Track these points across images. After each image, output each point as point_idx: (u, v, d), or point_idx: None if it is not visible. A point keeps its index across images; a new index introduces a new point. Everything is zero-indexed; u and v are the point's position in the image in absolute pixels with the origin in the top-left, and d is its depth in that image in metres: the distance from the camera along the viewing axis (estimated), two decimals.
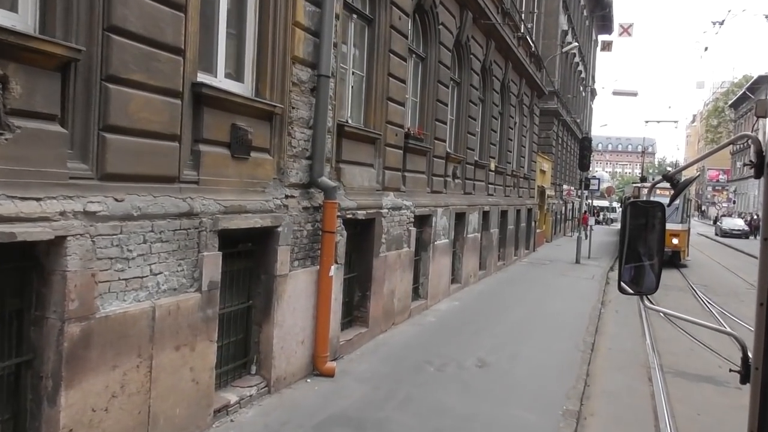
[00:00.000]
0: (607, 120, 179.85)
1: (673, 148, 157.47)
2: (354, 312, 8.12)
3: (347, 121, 7.64)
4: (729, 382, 7.86)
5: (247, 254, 5.79)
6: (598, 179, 22.40)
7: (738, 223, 42.59)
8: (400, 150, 9.20)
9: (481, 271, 14.51)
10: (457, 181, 12.34)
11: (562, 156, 31.92)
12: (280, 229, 5.83)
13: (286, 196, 6.07)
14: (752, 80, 57.94)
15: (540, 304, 11.95)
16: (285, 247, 5.92)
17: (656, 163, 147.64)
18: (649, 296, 2.49)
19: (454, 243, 12.47)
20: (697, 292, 15.65)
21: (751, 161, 1.90)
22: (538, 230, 24.53)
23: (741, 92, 61.95)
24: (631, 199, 2.84)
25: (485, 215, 14.64)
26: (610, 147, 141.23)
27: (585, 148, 19.45)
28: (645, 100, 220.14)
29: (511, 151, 17.93)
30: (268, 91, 5.86)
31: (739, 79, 70.11)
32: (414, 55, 10.11)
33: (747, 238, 40.79)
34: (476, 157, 14.01)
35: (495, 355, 7.88)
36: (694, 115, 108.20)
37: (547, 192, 24.93)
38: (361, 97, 8.30)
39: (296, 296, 6.18)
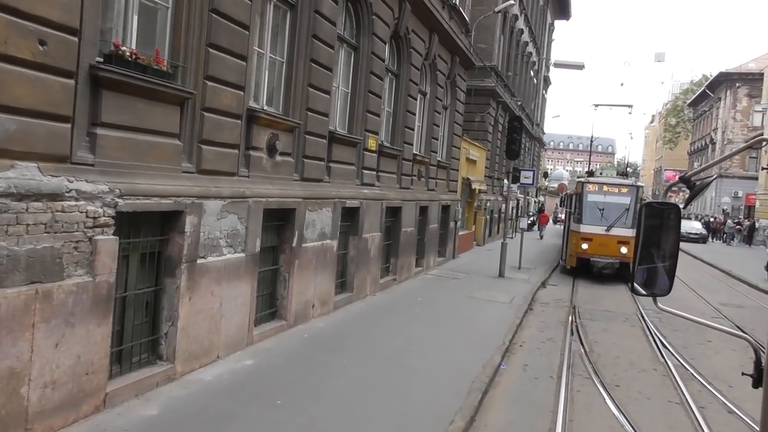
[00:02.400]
0: (560, 110, 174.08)
1: (633, 145, 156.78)
2: None
3: None
4: None
5: None
6: (533, 171, 18.16)
7: (695, 226, 39.25)
8: (71, 80, 4.55)
9: (342, 295, 9.98)
10: (281, 159, 7.75)
11: (503, 146, 27.75)
12: None
13: None
14: (712, 78, 55.04)
15: (402, 358, 7.46)
16: None
17: (615, 162, 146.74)
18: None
19: (276, 257, 7.92)
20: (648, 323, 11.47)
21: None
22: (463, 232, 20.25)
23: (700, 91, 59.21)
24: (647, 201, 2.79)
25: (351, 213, 10.12)
26: (571, 146, 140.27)
27: (514, 130, 15.13)
28: (595, 77, 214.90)
29: (412, 129, 13.46)
30: None
31: (699, 78, 67.55)
32: None
33: (705, 242, 37.51)
34: (333, 127, 9.46)
35: None
36: (653, 116, 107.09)
37: (477, 186, 20.64)
38: None
39: None
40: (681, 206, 2.56)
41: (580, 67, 20.36)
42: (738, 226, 39.87)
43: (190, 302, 5.94)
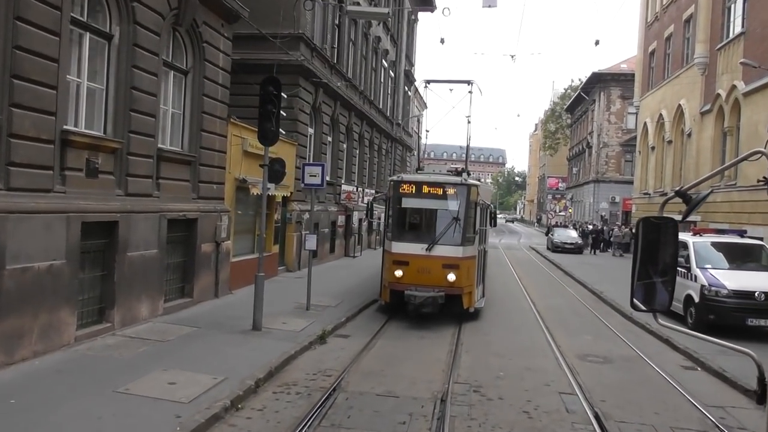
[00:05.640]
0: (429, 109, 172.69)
1: (522, 156, 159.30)
2: None
3: None
4: None
5: None
6: (321, 166, 12.67)
7: (571, 235, 36.06)
8: None
9: None
10: None
11: (338, 141, 22.49)
12: None
13: None
14: (585, 80, 53.40)
15: None
16: None
17: (506, 172, 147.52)
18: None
19: None
20: (443, 427, 6.22)
21: (764, 177, 2.05)
22: (250, 255, 14.56)
23: (575, 95, 57.76)
24: (644, 216, 2.54)
25: None
26: (463, 156, 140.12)
27: (268, 99, 9.57)
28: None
29: (53, 88, 7.53)
30: None
31: (576, 83, 66.89)
32: None
33: (581, 252, 34.23)
34: None
35: None
36: (536, 124, 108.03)
37: (266, 190, 14.98)
38: None
39: None
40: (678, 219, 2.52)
41: (385, 15, 15.53)
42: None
43: None
